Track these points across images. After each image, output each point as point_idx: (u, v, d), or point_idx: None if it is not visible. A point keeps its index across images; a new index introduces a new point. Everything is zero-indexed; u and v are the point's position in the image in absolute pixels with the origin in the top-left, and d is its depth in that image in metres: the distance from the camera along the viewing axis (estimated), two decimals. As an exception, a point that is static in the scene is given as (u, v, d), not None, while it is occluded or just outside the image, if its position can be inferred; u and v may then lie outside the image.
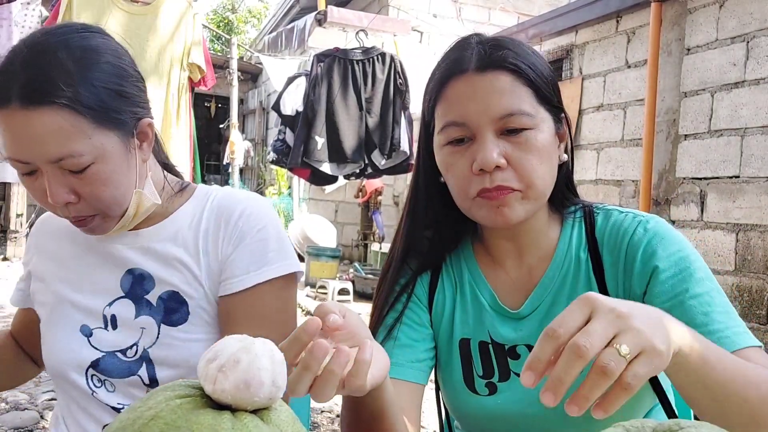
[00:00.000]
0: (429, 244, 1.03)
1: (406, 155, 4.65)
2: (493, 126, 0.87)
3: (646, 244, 0.90)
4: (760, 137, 3.86)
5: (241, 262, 1.01)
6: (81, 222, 0.96)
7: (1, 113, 0.86)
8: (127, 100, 0.93)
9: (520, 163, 0.87)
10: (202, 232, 1.04)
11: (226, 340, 0.55)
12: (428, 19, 8.48)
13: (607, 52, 5.07)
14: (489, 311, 0.98)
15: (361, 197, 8.45)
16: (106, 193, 0.93)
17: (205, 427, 0.50)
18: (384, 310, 1.00)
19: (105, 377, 1.01)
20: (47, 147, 0.87)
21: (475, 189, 0.89)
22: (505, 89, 0.88)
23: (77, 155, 0.89)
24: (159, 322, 1.02)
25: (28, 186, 0.93)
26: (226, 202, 1.05)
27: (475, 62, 0.89)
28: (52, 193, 0.90)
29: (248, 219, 1.03)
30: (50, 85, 0.86)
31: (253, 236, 1.02)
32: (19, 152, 0.88)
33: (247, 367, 0.52)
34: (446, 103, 0.91)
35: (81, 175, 0.91)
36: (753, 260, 3.89)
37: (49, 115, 0.86)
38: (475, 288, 1.01)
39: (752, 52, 3.93)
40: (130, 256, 1.04)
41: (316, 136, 4.57)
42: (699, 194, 4.23)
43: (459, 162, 0.90)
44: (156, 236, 1.05)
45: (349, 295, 6.52)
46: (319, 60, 4.64)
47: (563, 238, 0.98)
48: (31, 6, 3.18)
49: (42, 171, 0.90)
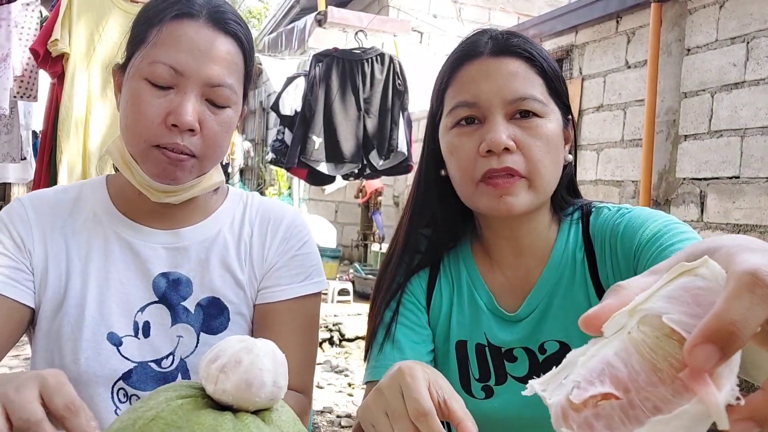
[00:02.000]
0: (427, 241, 1.02)
1: (404, 156, 4.64)
2: (504, 109, 0.87)
3: (625, 225, 0.89)
4: (760, 138, 3.85)
5: (287, 273, 1.02)
6: (179, 161, 0.90)
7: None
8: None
9: (528, 149, 0.87)
10: (246, 237, 1.03)
11: (227, 340, 0.55)
12: (428, 20, 8.47)
13: (607, 52, 5.07)
14: (486, 313, 0.98)
15: (361, 198, 8.44)
16: (223, 141, 0.93)
17: (206, 428, 0.50)
18: (382, 307, 1.00)
19: (135, 391, 0.94)
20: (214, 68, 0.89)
21: (480, 171, 0.87)
22: (518, 74, 0.88)
23: (231, 89, 0.91)
24: (198, 331, 0.97)
25: (147, 100, 0.88)
26: (270, 211, 1.06)
27: (490, 47, 0.90)
28: (186, 111, 0.87)
29: (295, 231, 1.05)
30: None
31: (299, 249, 1.05)
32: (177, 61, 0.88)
33: (249, 367, 0.52)
34: (458, 84, 0.91)
35: (218, 111, 0.91)
36: (753, 261, 3.89)
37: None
38: (473, 289, 1.00)
39: (752, 53, 3.93)
40: (165, 257, 0.98)
41: (313, 136, 4.57)
42: (699, 195, 4.23)
43: (465, 144, 0.89)
44: (197, 236, 1.00)
45: (349, 296, 6.52)
46: (318, 60, 4.64)
47: (560, 240, 0.97)
48: (30, 7, 3.18)
49: (183, 89, 0.88)
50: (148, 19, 0.92)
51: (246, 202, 1.07)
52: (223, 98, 0.91)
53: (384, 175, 5.05)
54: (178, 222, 1.01)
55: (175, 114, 0.87)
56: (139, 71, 0.90)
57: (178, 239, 0.99)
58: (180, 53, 0.88)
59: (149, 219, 1.00)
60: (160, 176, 0.91)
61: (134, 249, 0.97)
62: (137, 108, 0.88)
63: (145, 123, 0.88)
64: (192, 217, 1.02)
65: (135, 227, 0.99)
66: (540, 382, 0.46)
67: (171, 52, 0.88)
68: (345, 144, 4.61)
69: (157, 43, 0.89)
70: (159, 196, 0.94)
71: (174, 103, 0.88)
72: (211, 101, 0.91)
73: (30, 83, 3.20)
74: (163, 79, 0.88)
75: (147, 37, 0.91)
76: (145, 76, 0.89)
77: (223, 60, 0.91)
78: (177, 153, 0.89)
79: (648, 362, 0.39)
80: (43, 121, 3.04)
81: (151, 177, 0.91)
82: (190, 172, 0.92)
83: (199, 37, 0.89)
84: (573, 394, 0.41)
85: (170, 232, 1.00)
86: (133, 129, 0.90)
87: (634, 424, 0.38)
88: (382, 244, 7.83)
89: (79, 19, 2.84)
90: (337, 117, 4.60)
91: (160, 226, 1.00)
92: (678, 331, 0.38)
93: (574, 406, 0.41)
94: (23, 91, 3.18)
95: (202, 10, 0.91)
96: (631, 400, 0.39)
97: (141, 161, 0.91)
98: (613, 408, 0.39)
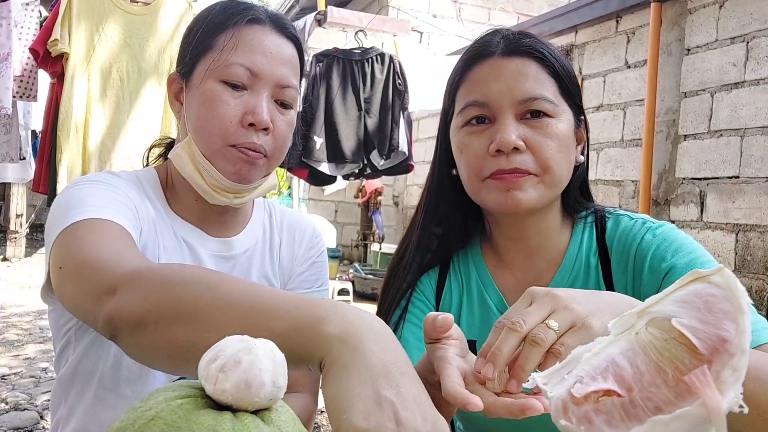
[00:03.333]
0: (438, 240, 1.03)
1: (404, 156, 4.64)
2: (514, 109, 0.87)
3: (654, 249, 0.89)
4: (759, 137, 3.86)
5: (307, 278, 1.10)
6: (256, 159, 0.93)
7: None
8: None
9: (539, 148, 0.87)
10: (276, 245, 1.09)
11: (226, 340, 0.55)
12: (428, 20, 8.47)
13: (606, 52, 5.07)
14: (496, 313, 0.98)
15: (360, 197, 8.44)
16: (289, 140, 0.98)
17: (206, 428, 0.50)
18: (391, 306, 1.00)
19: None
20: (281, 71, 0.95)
21: (488, 170, 0.88)
22: (529, 74, 0.88)
23: (296, 90, 0.96)
24: None
25: (225, 100, 0.92)
26: (296, 220, 1.14)
27: (502, 47, 0.90)
28: (263, 111, 0.92)
29: (316, 241, 1.14)
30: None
31: (319, 257, 1.13)
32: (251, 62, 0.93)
33: (248, 367, 0.52)
34: (469, 84, 0.92)
35: (285, 111, 0.96)
36: (753, 261, 3.89)
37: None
38: (483, 289, 1.00)
39: (752, 53, 3.93)
40: (218, 265, 1.01)
41: (314, 136, 4.57)
42: (699, 194, 4.23)
43: (475, 142, 0.90)
44: (241, 246, 1.05)
45: (348, 296, 6.52)
46: (318, 60, 4.64)
47: (573, 243, 0.97)
48: (30, 6, 3.18)
49: (258, 90, 0.93)
50: (214, 26, 0.97)
51: (269, 210, 1.13)
52: (290, 98, 0.97)
53: (385, 175, 5.05)
54: (226, 230, 1.04)
55: (253, 113, 0.92)
56: (213, 74, 0.94)
57: (228, 248, 1.03)
58: (255, 55, 0.93)
59: (203, 225, 1.03)
60: (236, 175, 0.94)
61: (196, 253, 1.00)
62: (214, 108, 0.92)
63: (223, 122, 0.91)
64: (237, 225, 1.06)
65: (196, 232, 1.01)
66: (542, 375, 0.46)
67: (247, 54, 0.93)
68: (346, 144, 4.61)
69: (231, 46, 0.93)
70: (224, 198, 0.97)
71: (250, 104, 0.92)
72: (280, 101, 0.96)
73: (29, 83, 3.20)
74: (239, 79, 0.92)
75: (215, 42, 0.95)
76: (221, 78, 0.93)
77: (289, 62, 0.97)
78: (254, 152, 0.93)
79: (653, 363, 0.39)
80: (43, 121, 3.05)
81: (226, 176, 0.94)
82: (260, 171, 0.96)
83: (269, 41, 0.95)
84: (575, 388, 0.41)
85: (221, 240, 1.03)
86: (209, 129, 0.93)
87: (634, 422, 0.38)
88: (382, 244, 7.83)
89: (79, 20, 2.84)
90: (338, 117, 4.60)
91: (211, 232, 1.03)
92: (687, 335, 0.38)
93: (575, 399, 0.41)
94: (22, 91, 3.18)
95: (266, 16, 0.97)
96: (632, 398, 0.39)
97: (216, 160, 0.94)
98: (614, 405, 0.39)
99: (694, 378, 0.36)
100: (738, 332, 0.39)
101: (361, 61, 4.66)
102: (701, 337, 0.37)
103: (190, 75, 0.97)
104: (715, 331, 0.39)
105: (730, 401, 0.35)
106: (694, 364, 0.38)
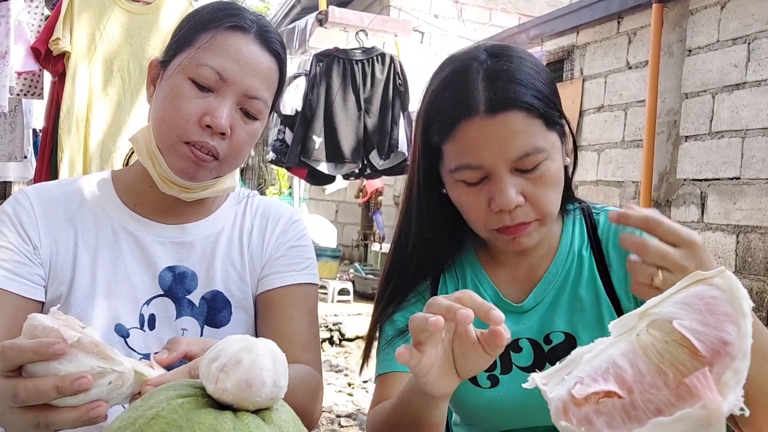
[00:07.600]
0: (429, 255, 1.02)
1: (404, 156, 4.63)
2: (508, 166, 0.87)
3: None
4: (761, 139, 3.85)
5: (286, 261, 1.07)
6: (203, 161, 0.94)
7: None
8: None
9: (537, 199, 0.89)
10: (246, 232, 1.07)
11: (227, 339, 0.55)
12: (429, 20, 8.47)
13: (608, 53, 5.07)
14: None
15: (361, 197, 8.44)
16: (246, 150, 0.98)
17: (207, 427, 0.50)
18: (389, 307, 1.02)
19: None
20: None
21: (493, 225, 0.91)
22: (518, 130, 0.86)
23: (264, 103, 0.97)
24: (202, 324, 1.00)
25: (188, 98, 0.92)
26: (270, 207, 1.12)
27: (484, 104, 0.86)
28: (223, 115, 0.92)
29: (293, 225, 1.11)
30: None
31: (297, 240, 1.10)
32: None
33: (249, 367, 0.52)
34: (458, 145, 0.89)
35: (249, 121, 0.97)
36: (753, 262, 3.89)
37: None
38: (477, 283, 1.03)
39: (753, 54, 3.93)
40: (171, 251, 1.01)
41: (314, 136, 4.57)
42: (700, 196, 4.23)
43: (475, 200, 0.91)
44: (202, 232, 1.04)
45: (349, 295, 6.52)
46: (319, 60, 4.64)
47: (565, 236, 1.01)
48: (34, 3, 3.18)
49: (223, 95, 0.93)
50: (199, 24, 0.97)
51: (246, 200, 1.12)
52: (256, 110, 0.97)
53: (384, 175, 5.05)
54: (184, 217, 1.04)
55: (212, 116, 0.92)
56: (185, 70, 0.94)
57: (184, 234, 1.03)
58: (227, 61, 0.93)
59: (156, 214, 1.03)
60: (182, 172, 0.94)
61: (141, 243, 1.00)
62: (176, 103, 0.93)
63: (181, 118, 0.92)
64: (197, 214, 1.05)
65: (142, 221, 1.02)
66: (542, 376, 0.46)
67: (219, 58, 0.93)
68: (345, 144, 4.61)
69: (207, 47, 0.94)
70: (173, 190, 0.98)
71: (212, 106, 0.92)
72: (245, 111, 0.96)
73: (35, 81, 3.19)
74: (207, 81, 0.93)
75: (195, 40, 0.96)
76: (189, 76, 0.94)
77: (264, 75, 0.97)
78: (203, 153, 0.93)
79: (654, 365, 0.39)
80: (44, 120, 3.04)
81: (173, 171, 0.95)
82: (209, 173, 0.96)
83: (247, 50, 0.95)
84: (575, 389, 0.41)
85: (176, 226, 1.03)
86: (167, 122, 0.93)
87: (635, 423, 0.38)
88: (383, 244, 7.82)
89: (80, 18, 2.84)
90: (338, 117, 4.60)
91: (166, 220, 1.03)
92: (688, 337, 0.38)
93: (576, 400, 0.41)
94: (27, 88, 3.18)
95: (253, 26, 0.97)
96: (633, 400, 0.39)
97: (167, 154, 0.95)
98: (615, 406, 0.39)
99: (695, 380, 0.36)
100: (739, 335, 0.39)
101: (361, 61, 4.66)
102: (702, 340, 0.37)
103: (167, 65, 0.98)
104: (717, 334, 0.39)
105: (730, 403, 0.35)
106: (695, 366, 0.38)
